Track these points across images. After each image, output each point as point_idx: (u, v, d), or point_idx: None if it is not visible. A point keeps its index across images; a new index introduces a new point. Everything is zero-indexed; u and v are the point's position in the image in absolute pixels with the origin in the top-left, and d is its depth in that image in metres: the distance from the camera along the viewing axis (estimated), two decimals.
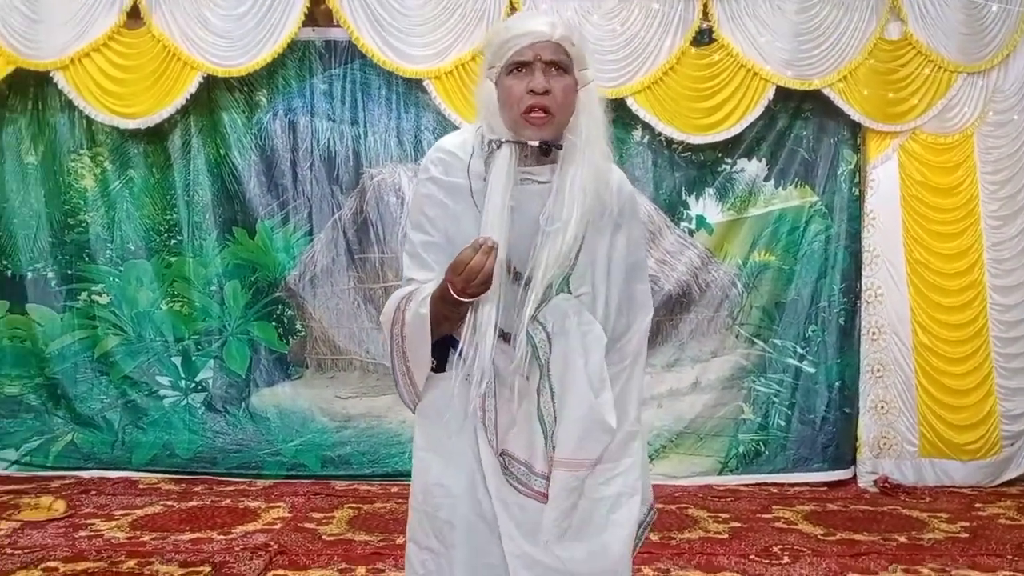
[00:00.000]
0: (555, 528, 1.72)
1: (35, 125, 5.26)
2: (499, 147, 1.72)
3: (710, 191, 5.39)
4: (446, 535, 1.76)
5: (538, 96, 1.68)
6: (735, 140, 5.26)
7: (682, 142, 5.25)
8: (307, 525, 4.07)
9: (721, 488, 5.04)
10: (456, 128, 4.17)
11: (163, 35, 4.98)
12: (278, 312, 5.28)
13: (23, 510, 4.26)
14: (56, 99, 5.19)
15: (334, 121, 5.30)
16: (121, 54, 5.01)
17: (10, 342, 5.22)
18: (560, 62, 1.71)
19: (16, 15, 4.93)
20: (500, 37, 1.75)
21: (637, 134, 5.35)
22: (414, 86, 5.17)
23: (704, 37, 5.15)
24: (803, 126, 5.34)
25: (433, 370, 1.78)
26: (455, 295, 1.64)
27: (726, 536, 4.01)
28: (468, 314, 1.70)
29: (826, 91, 5.10)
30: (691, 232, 5.39)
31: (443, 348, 1.76)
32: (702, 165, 5.37)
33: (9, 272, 5.23)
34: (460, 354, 1.72)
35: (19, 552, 3.57)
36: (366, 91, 5.29)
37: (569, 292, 1.75)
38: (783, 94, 5.18)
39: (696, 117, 5.16)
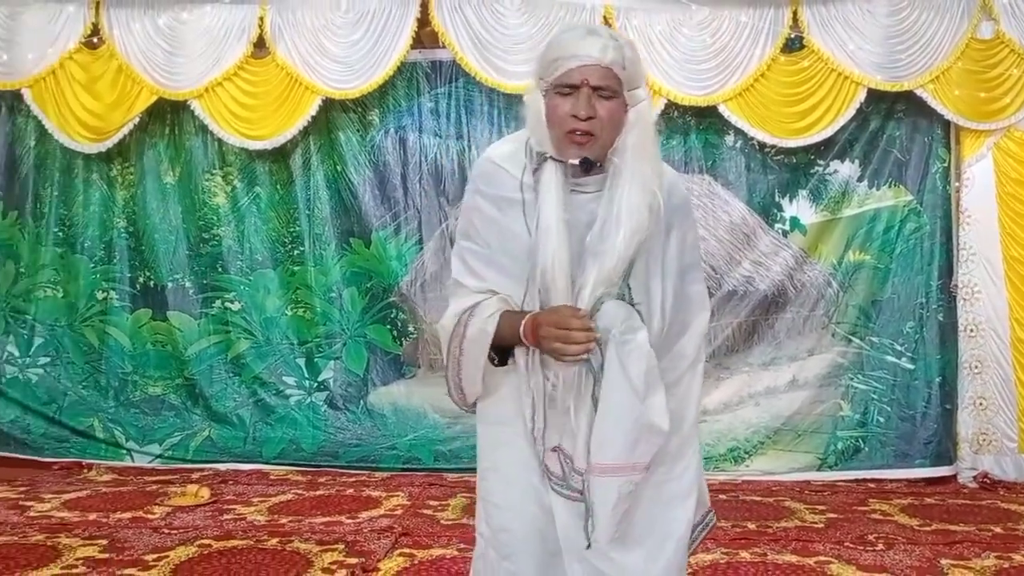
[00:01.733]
0: (609, 531, 1.72)
1: (172, 148, 5.80)
2: (545, 161, 1.74)
3: (803, 193, 5.53)
4: (494, 519, 1.84)
5: (581, 122, 1.69)
6: (828, 142, 5.38)
7: (774, 146, 5.41)
8: (425, 511, 4.41)
9: (819, 483, 5.16)
10: None
11: (286, 63, 5.43)
12: (392, 316, 5.67)
13: (172, 497, 4.73)
14: (191, 124, 5.72)
15: (440, 137, 5.66)
16: (249, 82, 5.49)
17: (153, 346, 5.76)
18: (608, 87, 1.70)
19: (157, 50, 5.47)
20: (552, 54, 1.73)
21: (729, 139, 5.54)
22: (514, 101, 5.46)
23: (794, 43, 5.29)
24: (896, 126, 5.43)
25: (495, 365, 1.82)
26: (534, 344, 1.70)
27: (822, 525, 4.17)
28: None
29: (918, 92, 5.18)
30: (785, 233, 5.54)
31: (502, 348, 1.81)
32: (795, 168, 5.51)
33: (152, 283, 5.78)
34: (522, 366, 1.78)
35: (176, 532, 4.02)
36: (469, 108, 5.64)
37: (631, 299, 1.75)
38: (875, 95, 5.28)
39: (788, 121, 5.31)
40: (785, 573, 3.44)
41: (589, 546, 1.74)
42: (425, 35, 5.53)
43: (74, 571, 3.40)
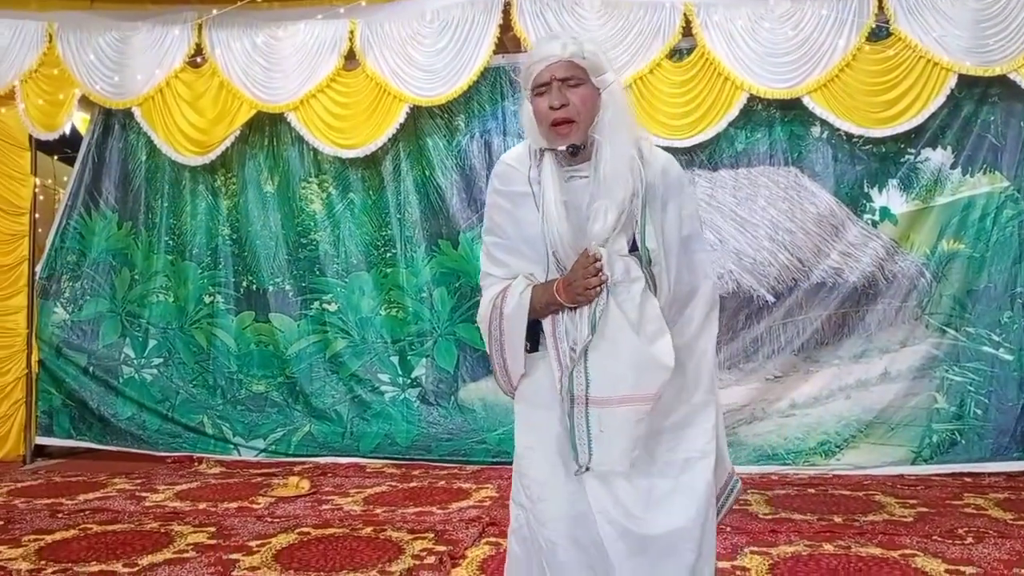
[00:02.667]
0: (625, 457, 1.90)
1: (271, 159, 6.10)
2: (542, 155, 2.00)
3: (893, 182, 5.44)
4: (533, 491, 2.01)
5: (557, 111, 1.95)
6: (918, 130, 5.29)
7: (862, 136, 5.34)
8: None
9: (913, 477, 5.07)
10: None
11: (375, 74, 5.66)
12: None
13: (275, 488, 5.00)
14: (287, 135, 6.01)
15: (524, 139, 5.75)
16: (341, 93, 5.75)
17: (256, 346, 6.08)
18: (573, 76, 1.96)
19: (256, 67, 5.78)
20: (525, 65, 2.04)
21: (815, 130, 5.49)
22: None
23: (880, 32, 5.21)
24: (990, 111, 5.29)
25: (528, 351, 2.02)
26: (566, 299, 1.93)
27: (911, 519, 4.11)
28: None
29: (1011, 75, 5.03)
30: (875, 224, 5.45)
31: (534, 333, 2.02)
32: (884, 157, 5.42)
33: (254, 286, 6.10)
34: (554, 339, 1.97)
35: (277, 520, 4.27)
36: None
37: (649, 260, 1.95)
38: (967, 81, 5.16)
39: (875, 111, 5.24)
40: (868, 565, 3.42)
41: (584, 471, 1.92)
42: (508, 40, 5.67)
43: (185, 555, 3.66)
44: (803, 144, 5.53)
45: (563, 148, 1.96)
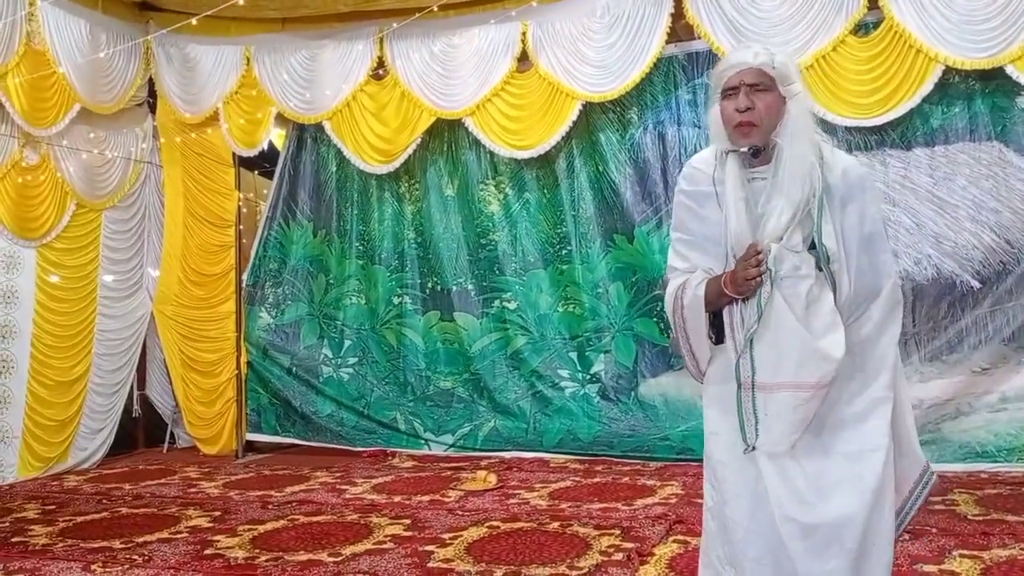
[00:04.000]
0: (785, 439, 2.02)
1: (450, 163, 6.30)
2: (726, 157, 2.12)
3: None
4: (717, 472, 2.15)
5: (741, 114, 2.06)
6: None
7: None
8: (698, 500, 4.43)
9: None
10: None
11: (548, 73, 5.72)
12: (658, 309, 5.76)
13: (464, 482, 5.16)
14: (465, 139, 6.18)
15: (699, 127, 5.67)
16: (515, 95, 5.86)
17: (442, 344, 6.30)
18: (761, 83, 2.07)
19: (434, 75, 5.98)
20: (717, 70, 2.15)
21: (1022, 101, 5.06)
22: None
23: None
24: None
25: (716, 343, 2.13)
26: (732, 290, 2.06)
27: None
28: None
29: None
30: None
31: (719, 326, 2.12)
32: None
33: (439, 287, 6.32)
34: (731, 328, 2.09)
35: (468, 513, 4.41)
36: None
37: (827, 258, 2.04)
38: None
39: None
40: None
41: (751, 449, 2.05)
42: (680, 28, 5.59)
43: (384, 546, 3.85)
44: (1007, 117, 5.12)
45: (744, 148, 2.08)
